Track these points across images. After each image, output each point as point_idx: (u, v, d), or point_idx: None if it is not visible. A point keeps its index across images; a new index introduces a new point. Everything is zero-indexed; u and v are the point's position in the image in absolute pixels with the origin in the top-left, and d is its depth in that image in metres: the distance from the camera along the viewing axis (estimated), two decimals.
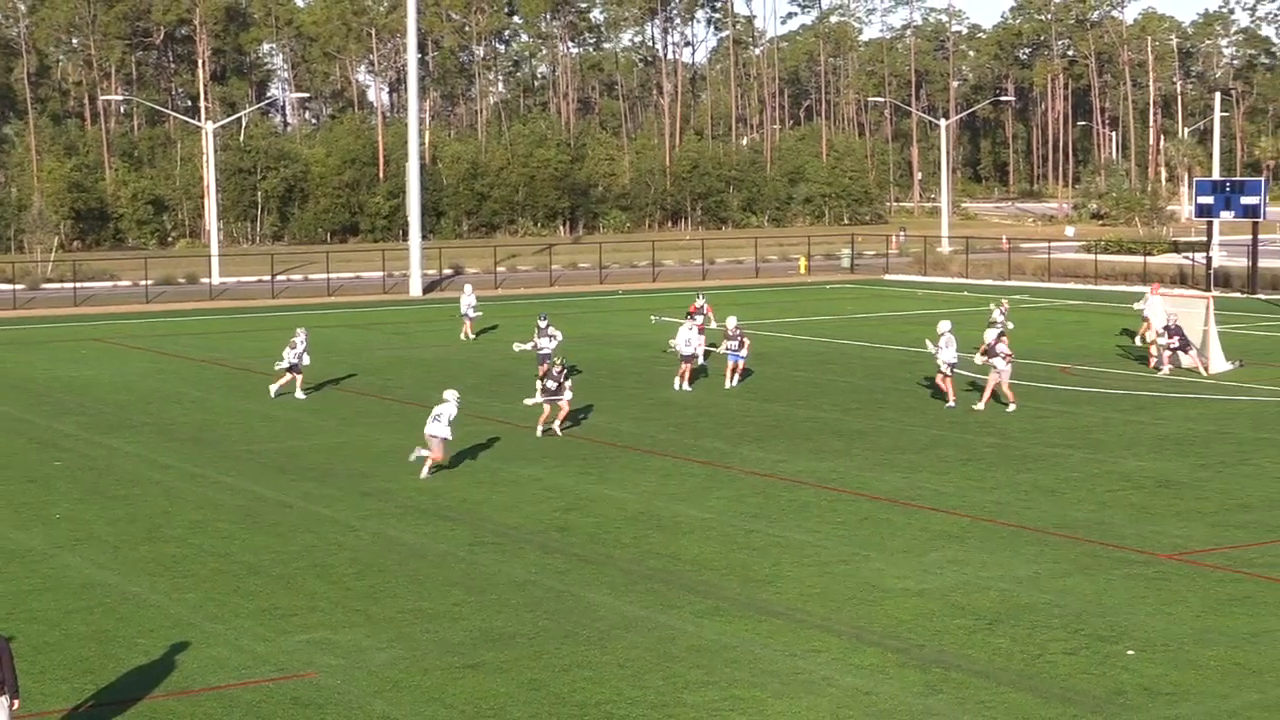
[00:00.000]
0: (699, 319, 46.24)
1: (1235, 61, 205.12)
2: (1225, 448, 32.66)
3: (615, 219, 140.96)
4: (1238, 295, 71.58)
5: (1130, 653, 18.81)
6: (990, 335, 38.32)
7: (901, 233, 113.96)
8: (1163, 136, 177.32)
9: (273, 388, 41.24)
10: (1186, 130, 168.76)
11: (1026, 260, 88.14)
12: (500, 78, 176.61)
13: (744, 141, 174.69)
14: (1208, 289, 69.97)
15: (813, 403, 39.61)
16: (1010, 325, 45.62)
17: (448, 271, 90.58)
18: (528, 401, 35.65)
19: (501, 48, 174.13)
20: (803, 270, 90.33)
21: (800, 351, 50.53)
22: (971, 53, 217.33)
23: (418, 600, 21.45)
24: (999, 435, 34.46)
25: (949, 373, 38.26)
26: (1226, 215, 71.06)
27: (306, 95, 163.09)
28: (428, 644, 19.49)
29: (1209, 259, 74.74)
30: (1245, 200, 69.45)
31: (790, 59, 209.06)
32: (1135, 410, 37.84)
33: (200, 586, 22.30)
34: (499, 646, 19.33)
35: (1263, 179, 75.50)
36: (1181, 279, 77.93)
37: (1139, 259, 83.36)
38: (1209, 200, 71.05)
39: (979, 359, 38.55)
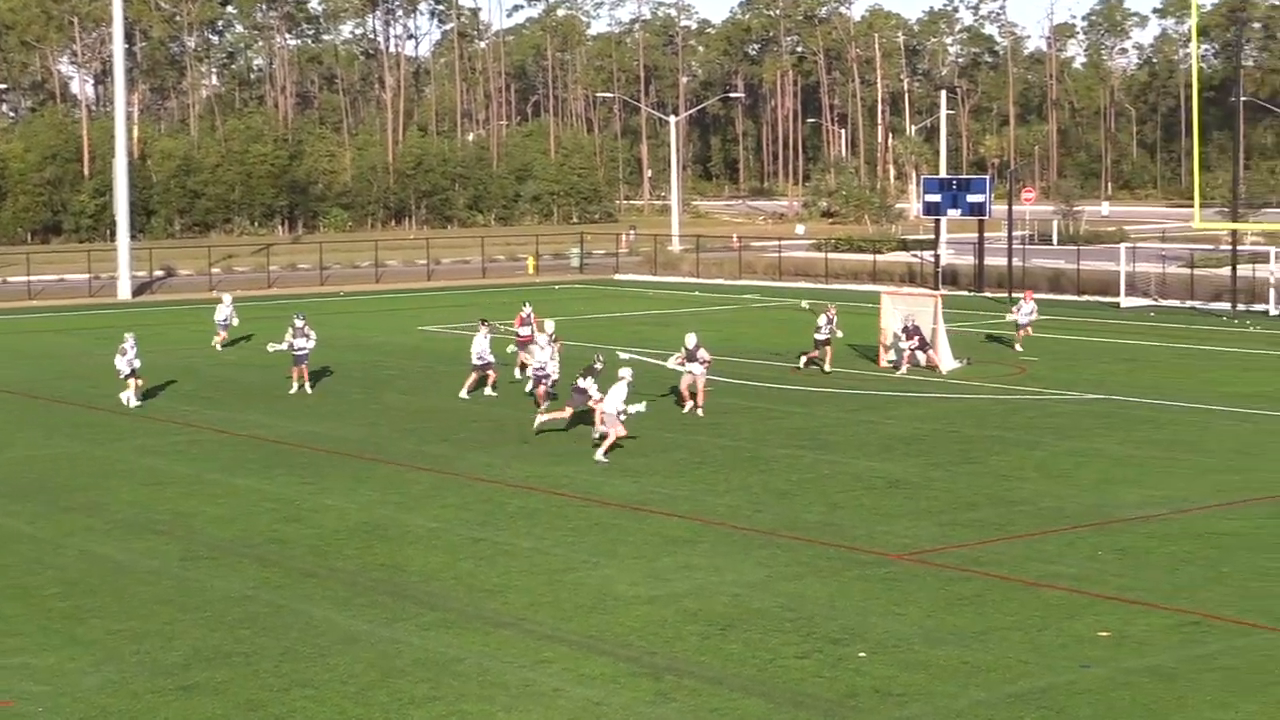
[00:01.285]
0: (527, 330, 44.48)
1: (960, 60, 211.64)
2: (952, 446, 33.61)
3: (336, 218, 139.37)
4: (965, 293, 73.76)
5: (862, 655, 19.22)
6: (691, 340, 38.38)
7: (631, 231, 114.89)
8: (891, 134, 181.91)
9: (124, 396, 39.91)
10: (914, 128, 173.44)
11: (757, 259, 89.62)
12: (213, 70, 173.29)
13: (470, 138, 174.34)
14: (936, 287, 72.00)
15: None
16: (840, 334, 45.66)
17: (159, 273, 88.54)
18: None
19: (215, 38, 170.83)
20: (531, 270, 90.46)
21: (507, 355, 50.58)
22: (701, 48, 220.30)
23: (127, 620, 20.90)
24: (731, 437, 34.93)
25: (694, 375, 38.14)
26: (954, 213, 73.18)
27: (3, 87, 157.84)
28: (138, 666, 19.00)
29: (937, 257, 76.89)
30: (971, 198, 71.60)
31: (517, 53, 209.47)
32: (865, 410, 38.71)
33: None
34: (214, 666, 18.93)
35: (988, 177, 78.01)
36: (910, 277, 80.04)
37: (869, 257, 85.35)
38: (936, 198, 73.11)
39: (670, 363, 39.08)
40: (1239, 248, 69.52)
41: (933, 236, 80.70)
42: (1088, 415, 37.67)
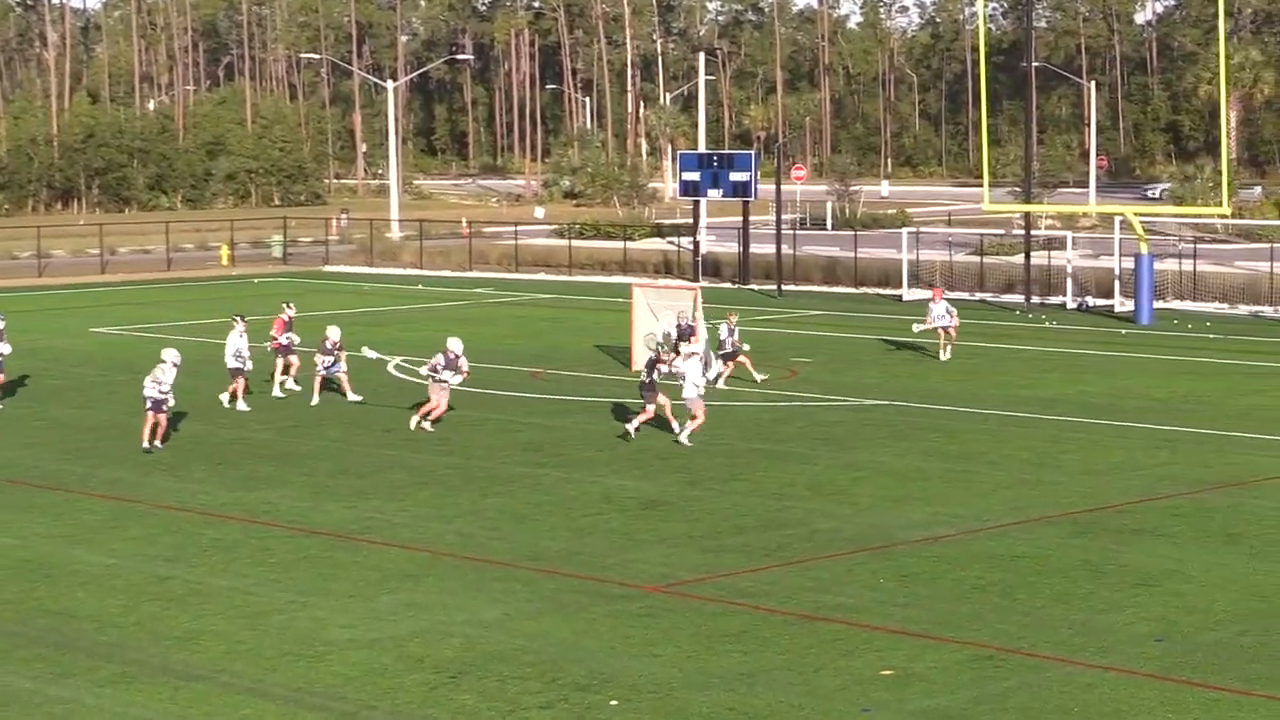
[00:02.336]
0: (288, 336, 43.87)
1: (720, 18, 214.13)
2: (716, 461, 34.01)
3: None
4: (729, 285, 74.66)
5: (614, 703, 19.35)
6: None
7: (343, 216, 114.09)
8: (643, 103, 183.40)
9: None
10: (669, 96, 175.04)
11: (490, 247, 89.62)
12: None
13: (150, 106, 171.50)
14: (696, 279, 72.74)
15: (240, 420, 39.22)
16: (745, 347, 44.98)
17: None
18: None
19: None
20: (225, 261, 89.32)
21: (224, 359, 49.94)
22: (423, 2, 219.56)
23: None
24: (462, 454, 34.91)
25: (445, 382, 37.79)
26: (715, 194, 74.01)
27: None
28: None
29: (696, 244, 77.70)
30: (735, 177, 72.43)
31: (205, 6, 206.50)
32: (617, 421, 38.93)
33: None
34: None
35: (753, 152, 79.07)
36: (667, 268, 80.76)
37: (619, 245, 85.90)
38: (695, 177, 73.81)
39: (425, 370, 39.01)
40: (1033, 232, 71.53)
41: (691, 221, 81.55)
42: (867, 424, 38.41)
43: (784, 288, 71.04)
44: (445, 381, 37.38)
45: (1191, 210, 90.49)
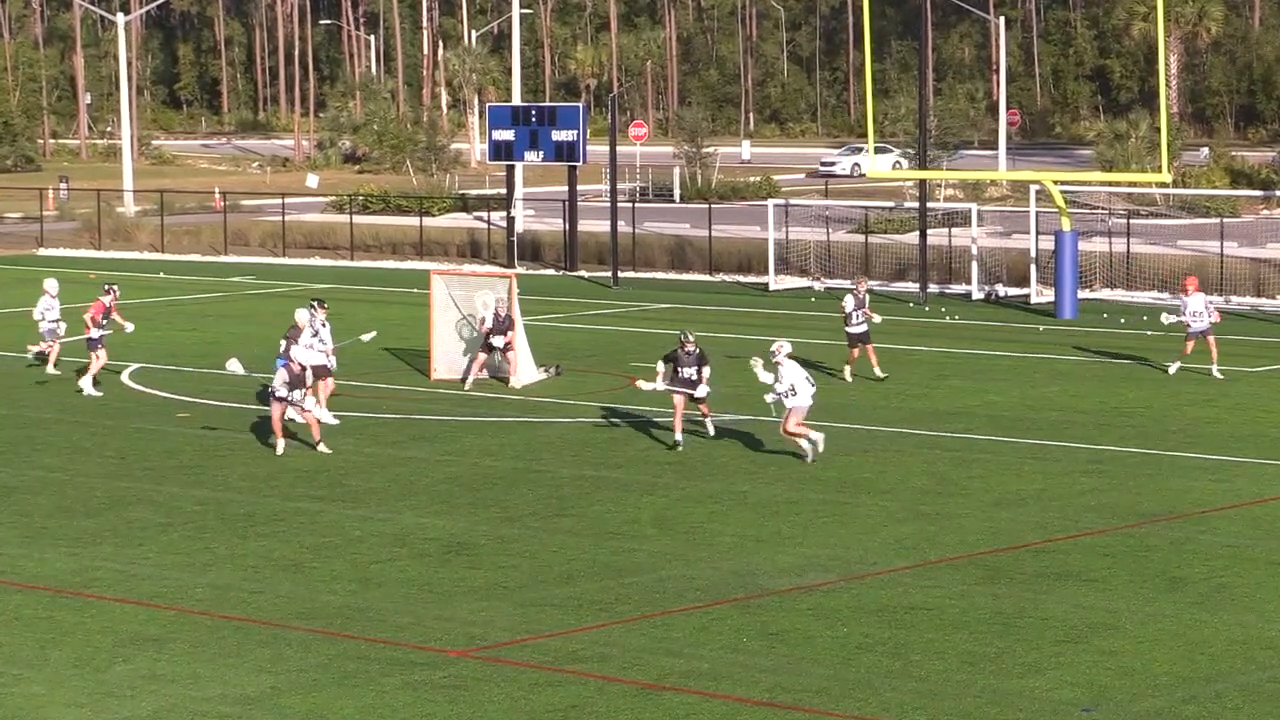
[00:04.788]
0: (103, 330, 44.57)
1: None
2: (539, 492, 34.04)
3: None
4: (551, 272, 74.67)
5: None
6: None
7: (62, 185, 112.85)
8: (442, 44, 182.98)
9: None
10: (475, 35, 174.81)
11: (251, 225, 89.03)
12: None
13: None
14: (510, 264, 72.70)
15: None
16: (877, 319, 46.15)
17: None
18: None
19: None
20: None
21: None
22: None
23: None
24: (215, 485, 34.71)
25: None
26: (533, 157, 73.96)
27: None
28: None
29: (510, 220, 77.64)
30: (558, 136, 72.41)
31: None
32: (413, 443, 38.88)
33: None
34: None
35: (581, 105, 79.25)
36: (474, 250, 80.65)
37: (413, 221, 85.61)
38: (509, 136, 73.72)
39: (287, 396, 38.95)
40: (930, 205, 72.00)
41: (505, 192, 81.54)
42: (726, 445, 38.58)
43: (621, 275, 71.11)
44: (293, 402, 37.16)
45: (1124, 176, 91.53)
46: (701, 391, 38.12)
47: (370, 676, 23.40)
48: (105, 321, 45.00)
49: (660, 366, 38.51)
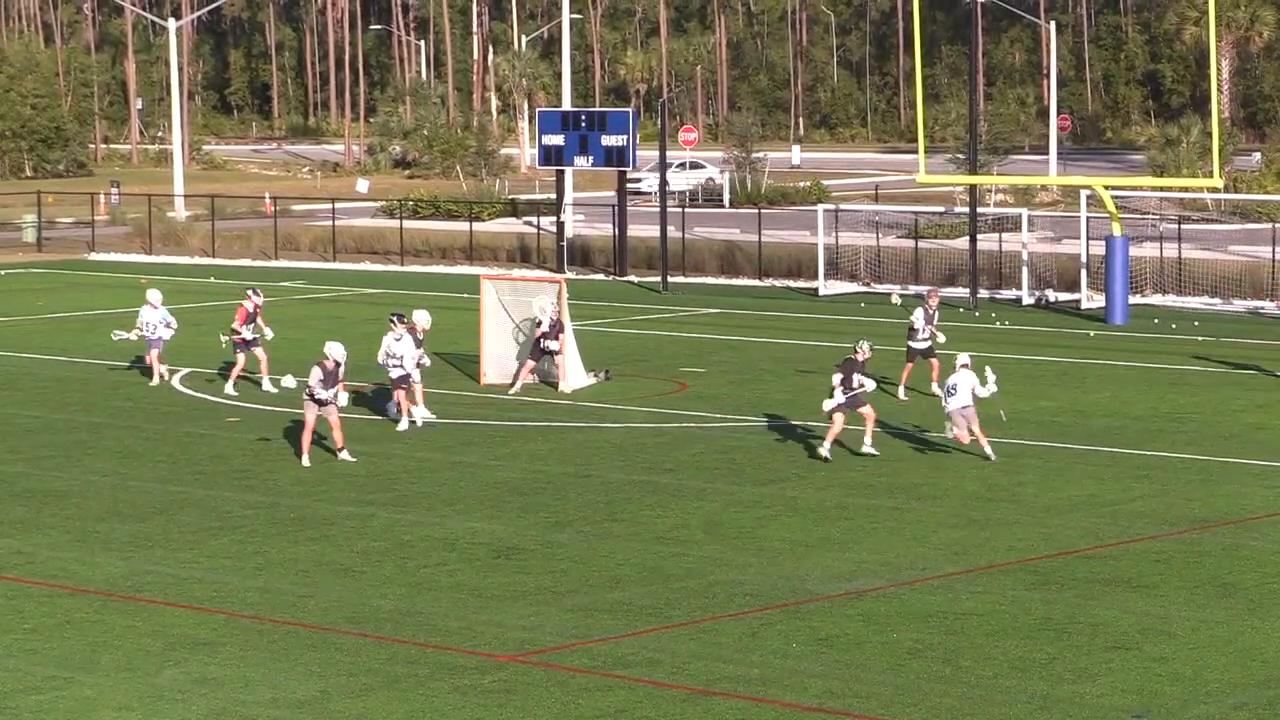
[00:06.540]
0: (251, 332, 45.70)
1: None
2: (589, 497, 34.04)
3: None
4: (600, 277, 74.62)
5: None
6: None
7: (114, 190, 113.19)
8: (492, 48, 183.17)
9: None
10: (525, 40, 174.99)
11: (301, 230, 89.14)
12: None
13: None
14: (560, 269, 72.69)
15: None
16: (941, 337, 46.05)
17: None
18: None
19: None
20: None
21: None
22: None
23: None
24: (266, 490, 34.76)
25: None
26: (583, 163, 73.99)
27: None
28: None
29: (560, 226, 77.64)
30: (608, 141, 72.41)
31: None
32: (463, 447, 38.89)
33: None
34: None
35: (631, 110, 79.16)
36: (524, 255, 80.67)
37: (464, 226, 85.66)
38: (558, 141, 73.74)
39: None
40: (980, 211, 71.87)
41: (554, 197, 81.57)
42: (776, 450, 38.55)
43: (670, 280, 71.09)
44: (326, 402, 37.02)
45: (1175, 181, 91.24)
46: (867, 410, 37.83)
47: (419, 681, 23.43)
48: (249, 326, 45.31)
49: (836, 379, 37.84)
